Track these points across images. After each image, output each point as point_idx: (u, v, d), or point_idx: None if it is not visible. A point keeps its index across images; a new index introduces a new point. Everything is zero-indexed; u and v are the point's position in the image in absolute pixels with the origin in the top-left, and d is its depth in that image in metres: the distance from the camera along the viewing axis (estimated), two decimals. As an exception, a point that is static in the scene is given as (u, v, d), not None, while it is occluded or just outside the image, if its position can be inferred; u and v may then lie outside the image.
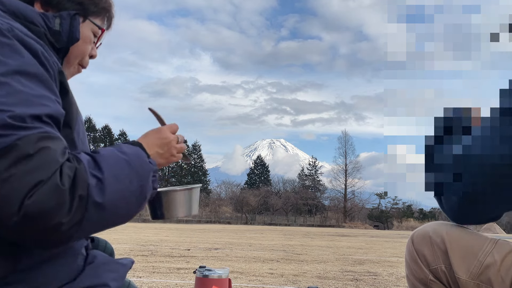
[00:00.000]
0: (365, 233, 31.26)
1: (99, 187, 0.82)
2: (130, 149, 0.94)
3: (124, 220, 0.92)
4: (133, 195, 0.89)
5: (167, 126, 1.10)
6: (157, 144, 1.03)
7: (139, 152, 0.94)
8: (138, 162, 0.92)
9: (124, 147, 0.93)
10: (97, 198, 0.81)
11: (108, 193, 0.83)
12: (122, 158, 0.89)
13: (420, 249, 1.25)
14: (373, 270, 7.06)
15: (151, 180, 0.94)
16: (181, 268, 6.35)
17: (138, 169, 0.91)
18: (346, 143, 69.46)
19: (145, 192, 0.93)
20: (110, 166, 0.86)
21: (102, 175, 0.84)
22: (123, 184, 0.87)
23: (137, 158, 0.92)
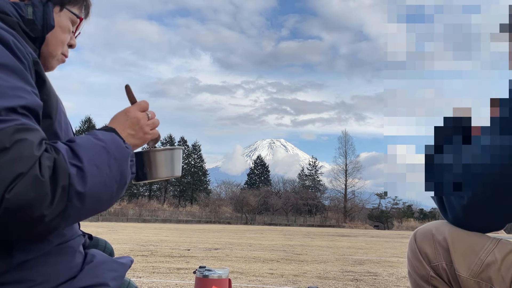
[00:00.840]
0: (365, 233, 31.27)
1: (80, 176, 0.82)
2: (105, 135, 0.93)
3: (106, 206, 0.92)
4: (114, 181, 0.89)
5: (135, 104, 1.07)
6: (127, 125, 1.01)
7: (115, 138, 0.93)
8: (115, 148, 0.91)
9: (99, 134, 0.92)
10: (79, 187, 0.81)
11: (89, 181, 0.83)
12: (99, 145, 0.89)
13: (422, 246, 1.27)
14: (373, 270, 7.06)
15: (129, 165, 0.94)
16: (181, 268, 6.35)
17: (116, 155, 0.90)
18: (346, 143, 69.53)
19: (125, 178, 0.93)
20: (88, 154, 0.85)
21: (81, 163, 0.83)
22: (103, 171, 0.86)
23: (113, 144, 0.91)
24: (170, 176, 1.13)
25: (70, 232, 0.98)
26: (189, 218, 52.32)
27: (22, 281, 0.85)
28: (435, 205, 1.30)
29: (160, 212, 52.12)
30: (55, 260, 0.91)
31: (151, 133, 1.06)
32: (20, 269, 0.86)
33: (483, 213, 1.17)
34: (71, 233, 0.98)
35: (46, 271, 0.89)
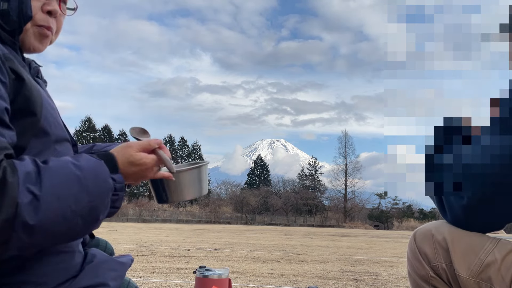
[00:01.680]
0: (365, 233, 31.27)
1: (33, 206, 0.73)
2: (89, 163, 0.85)
3: (67, 240, 0.85)
4: (79, 216, 0.81)
5: (139, 143, 0.97)
6: (128, 161, 0.93)
7: (98, 168, 0.85)
8: (93, 180, 0.83)
9: (82, 160, 0.85)
10: (27, 219, 0.72)
11: (43, 213, 0.75)
12: (73, 174, 0.81)
13: (421, 246, 1.27)
14: (373, 270, 7.06)
15: (108, 199, 0.86)
16: (181, 268, 6.35)
17: (90, 188, 0.82)
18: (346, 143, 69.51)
19: (97, 213, 0.84)
20: (54, 182, 0.77)
21: (40, 192, 0.75)
22: (64, 203, 0.78)
23: (92, 175, 0.83)
24: (197, 196, 1.05)
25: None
26: (189, 218, 52.32)
27: (22, 282, 0.85)
28: (435, 205, 1.30)
29: (160, 212, 52.13)
30: (54, 260, 0.91)
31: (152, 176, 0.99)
32: (20, 270, 0.85)
33: (482, 213, 1.17)
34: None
35: (45, 272, 0.88)
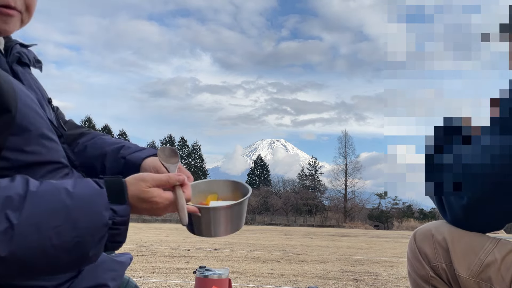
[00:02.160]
0: (365, 233, 31.27)
1: (7, 236, 0.67)
2: (85, 191, 0.76)
3: (50, 274, 0.78)
4: (60, 250, 0.72)
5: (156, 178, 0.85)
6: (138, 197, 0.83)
7: (94, 198, 0.76)
8: (84, 211, 0.74)
9: (80, 187, 0.76)
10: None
11: (16, 244, 0.67)
12: (61, 203, 0.73)
13: (421, 246, 1.27)
14: (373, 270, 7.06)
15: (101, 235, 0.76)
16: (181, 268, 6.35)
17: (78, 221, 0.73)
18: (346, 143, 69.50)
19: (85, 249, 0.75)
20: (35, 210, 0.70)
21: (17, 220, 0.68)
22: (44, 235, 0.70)
23: (84, 206, 0.75)
24: (233, 233, 0.94)
25: None
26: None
27: (20, 285, 0.84)
28: (434, 205, 1.30)
29: (160, 212, 52.01)
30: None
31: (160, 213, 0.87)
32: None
33: (482, 213, 1.17)
34: None
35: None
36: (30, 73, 1.02)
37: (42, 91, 1.03)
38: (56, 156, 0.90)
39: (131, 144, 1.15)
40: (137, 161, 1.07)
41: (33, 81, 1.00)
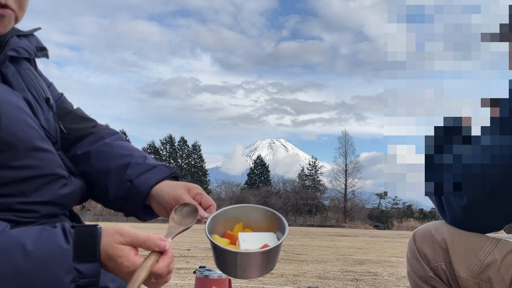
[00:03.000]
0: (365, 233, 31.26)
1: None
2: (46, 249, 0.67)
3: None
4: None
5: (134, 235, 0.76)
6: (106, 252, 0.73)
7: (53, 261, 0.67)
8: (38, 276, 0.66)
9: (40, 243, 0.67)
10: None
11: None
12: (13, 265, 0.64)
13: (421, 247, 1.26)
14: (373, 270, 7.06)
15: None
16: (181, 268, 6.35)
17: (32, 286, 0.65)
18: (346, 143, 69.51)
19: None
20: None
21: None
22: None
23: (39, 270, 0.66)
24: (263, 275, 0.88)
25: None
26: (189, 218, 52.19)
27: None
28: (434, 205, 1.30)
29: (160, 212, 52.08)
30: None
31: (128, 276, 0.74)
32: None
33: (482, 213, 1.17)
34: None
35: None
36: (27, 68, 0.95)
37: (39, 91, 0.95)
38: (51, 168, 0.85)
39: (139, 157, 1.02)
40: (144, 190, 0.97)
41: (29, 80, 0.93)
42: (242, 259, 0.84)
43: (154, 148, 68.35)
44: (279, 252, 0.88)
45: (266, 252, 0.84)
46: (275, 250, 0.85)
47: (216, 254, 0.90)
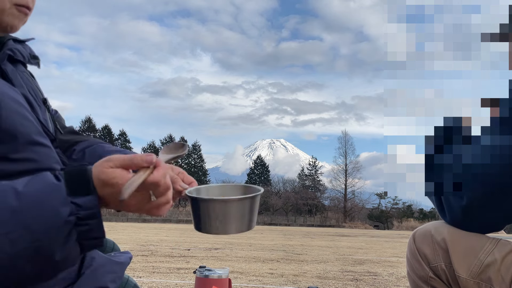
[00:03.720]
0: (365, 233, 31.26)
1: None
2: (36, 187, 0.68)
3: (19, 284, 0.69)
4: (20, 259, 0.65)
5: (121, 157, 0.74)
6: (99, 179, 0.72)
7: (47, 195, 0.67)
8: (36, 212, 0.65)
9: (31, 184, 0.68)
10: None
11: None
12: (6, 206, 0.65)
13: (421, 247, 1.26)
14: (373, 270, 7.06)
15: (64, 235, 0.67)
16: (181, 268, 6.35)
17: (30, 223, 0.65)
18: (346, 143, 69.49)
19: (49, 253, 0.67)
20: None
21: None
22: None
23: (35, 205, 0.66)
24: (243, 231, 0.86)
25: None
26: (189, 218, 52.26)
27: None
28: (434, 205, 1.30)
29: (160, 212, 52.05)
30: None
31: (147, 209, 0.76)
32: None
33: (482, 213, 1.17)
34: None
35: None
36: (23, 71, 0.98)
37: (36, 91, 0.98)
38: (48, 163, 0.84)
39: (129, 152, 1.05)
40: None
41: (26, 80, 0.95)
42: (221, 208, 0.82)
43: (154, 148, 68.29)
44: (256, 207, 0.86)
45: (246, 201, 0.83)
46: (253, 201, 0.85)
47: (194, 212, 0.89)
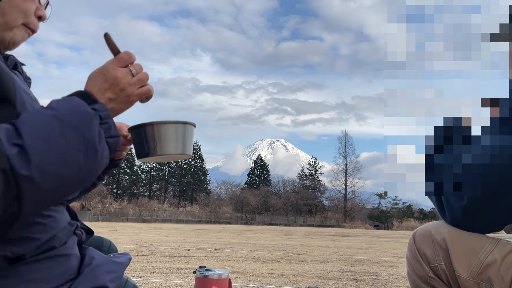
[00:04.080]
0: (365, 233, 31.27)
1: (21, 157, 0.72)
2: (61, 103, 0.81)
3: (78, 182, 0.81)
4: (76, 151, 0.78)
5: (114, 59, 0.91)
6: (105, 88, 0.87)
7: (73, 102, 0.82)
8: (72, 114, 0.79)
9: (54, 103, 0.81)
10: (22, 170, 0.71)
11: (36, 160, 0.73)
12: (48, 116, 0.78)
13: (421, 247, 1.26)
14: (373, 270, 7.06)
15: (97, 128, 0.81)
16: (181, 268, 6.35)
17: (73, 121, 0.78)
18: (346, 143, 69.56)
19: (93, 143, 0.80)
20: (32, 129, 0.75)
21: (23, 141, 0.73)
22: (55, 143, 0.75)
23: (69, 111, 0.80)
24: (179, 153, 0.98)
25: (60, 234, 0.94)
26: (189, 218, 52.34)
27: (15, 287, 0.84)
28: (434, 205, 1.30)
29: (160, 212, 52.15)
30: (50, 264, 0.89)
31: (137, 94, 0.92)
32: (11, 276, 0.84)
33: (482, 214, 1.17)
34: (62, 235, 0.95)
35: (38, 277, 0.87)
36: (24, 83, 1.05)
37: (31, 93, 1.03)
38: None
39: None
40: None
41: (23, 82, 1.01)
42: (158, 129, 0.95)
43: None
44: (190, 135, 1.00)
45: (179, 126, 0.97)
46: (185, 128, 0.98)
47: (134, 141, 1.00)
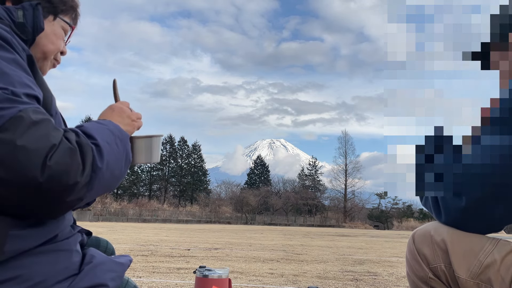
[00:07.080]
0: (365, 233, 31.27)
1: (98, 151, 0.89)
2: (105, 121, 1.01)
3: (117, 182, 0.98)
4: (122, 157, 0.97)
5: (121, 102, 1.19)
6: (114, 115, 1.10)
7: (113, 122, 1.03)
8: (117, 130, 1.00)
9: (100, 121, 1.01)
10: (99, 161, 0.89)
11: (105, 156, 0.90)
12: (104, 127, 0.97)
13: (420, 248, 1.26)
14: (373, 270, 7.06)
15: (129, 145, 1.03)
16: (181, 268, 6.35)
17: (119, 136, 0.99)
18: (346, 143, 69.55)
19: (129, 156, 1.02)
20: (99, 134, 0.93)
21: (96, 140, 0.90)
22: (113, 148, 0.94)
23: (115, 127, 1.00)
24: (147, 162, 1.19)
25: (65, 230, 0.97)
26: (189, 218, 52.32)
27: (18, 279, 0.85)
28: (428, 206, 1.30)
29: (160, 212, 52.13)
30: (50, 259, 0.90)
31: (137, 121, 1.15)
32: (15, 267, 0.85)
33: (482, 214, 1.17)
34: (66, 232, 0.98)
35: (42, 270, 0.88)
36: None
37: None
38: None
39: None
40: None
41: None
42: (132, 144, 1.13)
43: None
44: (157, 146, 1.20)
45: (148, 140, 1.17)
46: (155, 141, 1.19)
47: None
